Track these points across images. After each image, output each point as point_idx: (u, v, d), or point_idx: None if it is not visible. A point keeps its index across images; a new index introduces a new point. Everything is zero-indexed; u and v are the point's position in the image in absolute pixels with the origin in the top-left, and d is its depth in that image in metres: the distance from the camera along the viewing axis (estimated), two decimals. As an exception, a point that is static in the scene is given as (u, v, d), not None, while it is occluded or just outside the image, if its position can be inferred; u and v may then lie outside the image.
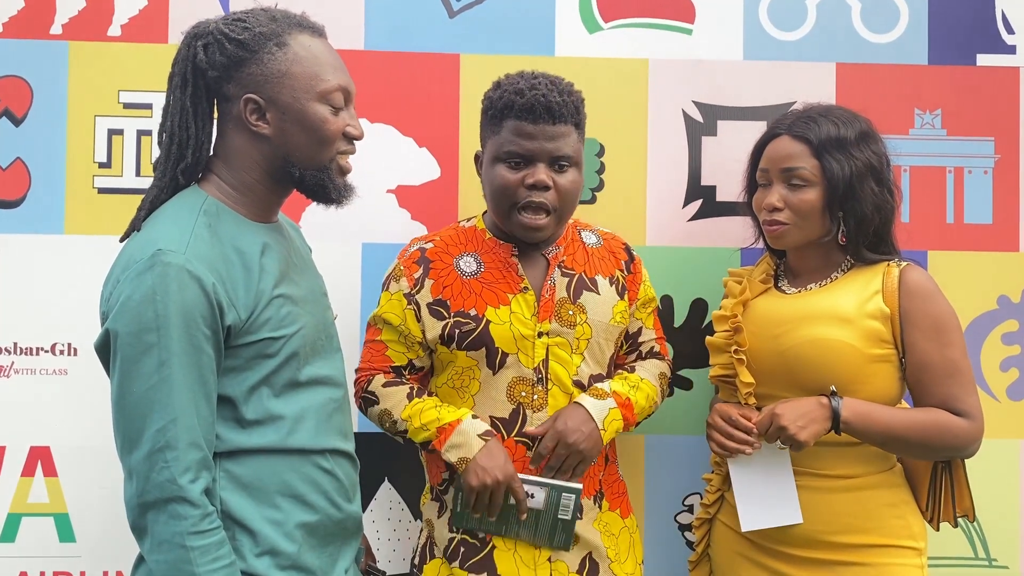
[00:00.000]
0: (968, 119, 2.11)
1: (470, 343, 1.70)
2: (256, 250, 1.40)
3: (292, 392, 1.42)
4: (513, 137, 1.66)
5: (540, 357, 1.71)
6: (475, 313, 1.70)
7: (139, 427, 1.29)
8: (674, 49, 2.09)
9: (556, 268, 1.74)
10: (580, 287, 1.75)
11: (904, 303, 1.66)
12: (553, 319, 1.71)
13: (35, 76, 2.01)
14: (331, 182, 1.46)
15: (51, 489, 1.98)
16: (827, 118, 1.72)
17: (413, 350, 1.76)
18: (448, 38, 2.07)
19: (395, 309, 1.75)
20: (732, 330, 1.76)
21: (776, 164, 1.73)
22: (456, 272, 1.74)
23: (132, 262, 1.31)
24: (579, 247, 1.80)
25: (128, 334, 1.29)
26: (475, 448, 1.63)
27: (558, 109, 1.64)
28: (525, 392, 1.71)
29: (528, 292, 1.72)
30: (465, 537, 1.71)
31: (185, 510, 1.28)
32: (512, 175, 1.67)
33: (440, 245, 1.78)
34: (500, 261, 1.75)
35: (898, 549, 1.68)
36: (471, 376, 1.72)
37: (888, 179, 1.72)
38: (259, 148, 1.43)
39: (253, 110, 1.40)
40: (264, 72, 1.39)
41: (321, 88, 1.41)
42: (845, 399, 1.64)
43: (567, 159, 1.67)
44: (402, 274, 1.76)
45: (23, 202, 2.00)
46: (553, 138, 1.65)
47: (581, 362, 1.73)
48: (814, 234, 1.72)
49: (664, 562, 2.05)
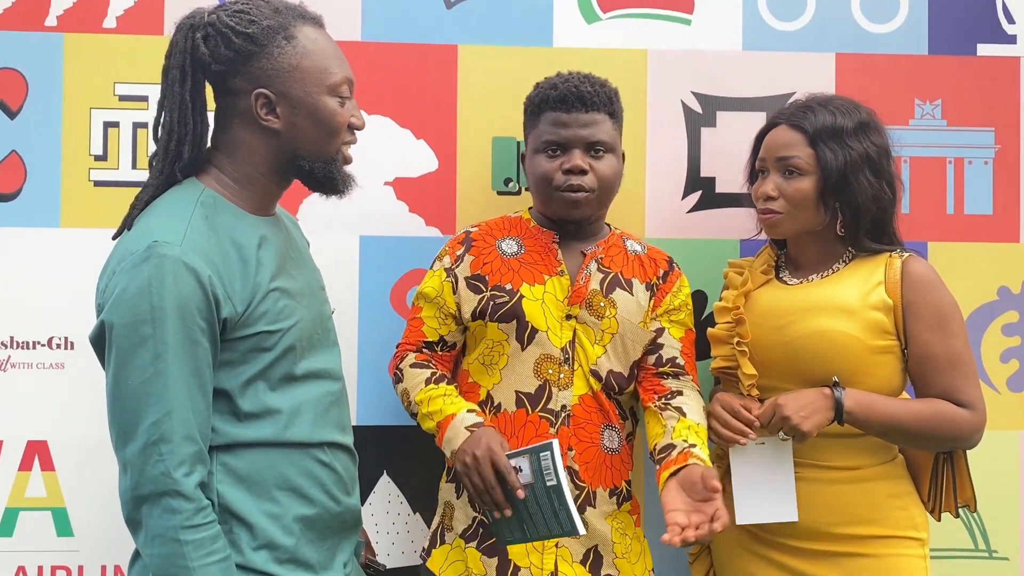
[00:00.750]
0: (968, 109, 2.10)
1: (502, 315, 1.74)
2: (253, 243, 1.40)
3: (289, 386, 1.41)
4: (550, 127, 1.75)
5: (567, 338, 1.74)
6: (511, 287, 1.76)
7: (134, 420, 1.28)
8: (673, 39, 2.08)
9: (593, 261, 1.79)
10: (614, 284, 1.79)
11: (907, 294, 1.66)
12: (583, 306, 1.75)
13: (30, 68, 2.00)
14: (338, 173, 1.46)
15: (48, 483, 1.98)
16: (826, 108, 1.71)
17: (446, 324, 1.80)
18: (445, 29, 2.06)
19: (434, 283, 1.82)
20: (734, 321, 1.75)
21: (772, 153, 1.73)
22: (497, 252, 1.81)
23: (128, 254, 1.31)
24: (620, 251, 1.84)
25: (123, 326, 1.28)
26: (461, 440, 1.64)
27: (590, 98, 1.73)
28: (552, 370, 1.74)
29: (564, 276, 1.78)
30: (484, 519, 1.73)
31: (179, 504, 1.27)
32: (550, 163, 1.75)
33: (485, 229, 1.87)
34: (541, 245, 1.81)
35: (901, 540, 1.68)
36: (500, 351, 1.76)
37: (887, 170, 1.72)
38: (267, 142, 1.42)
39: (264, 104, 1.39)
40: (275, 66, 1.38)
41: (330, 81, 1.41)
42: (848, 390, 1.64)
43: (602, 144, 1.74)
44: (446, 253, 1.84)
45: (19, 195, 1.99)
46: (587, 125, 1.73)
47: (602, 354, 1.76)
48: (808, 224, 1.72)
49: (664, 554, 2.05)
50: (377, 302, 2.04)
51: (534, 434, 1.73)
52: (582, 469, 1.74)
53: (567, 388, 1.74)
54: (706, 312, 2.06)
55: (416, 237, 2.04)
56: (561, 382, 1.74)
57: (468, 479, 1.61)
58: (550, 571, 1.71)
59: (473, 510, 1.76)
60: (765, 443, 1.69)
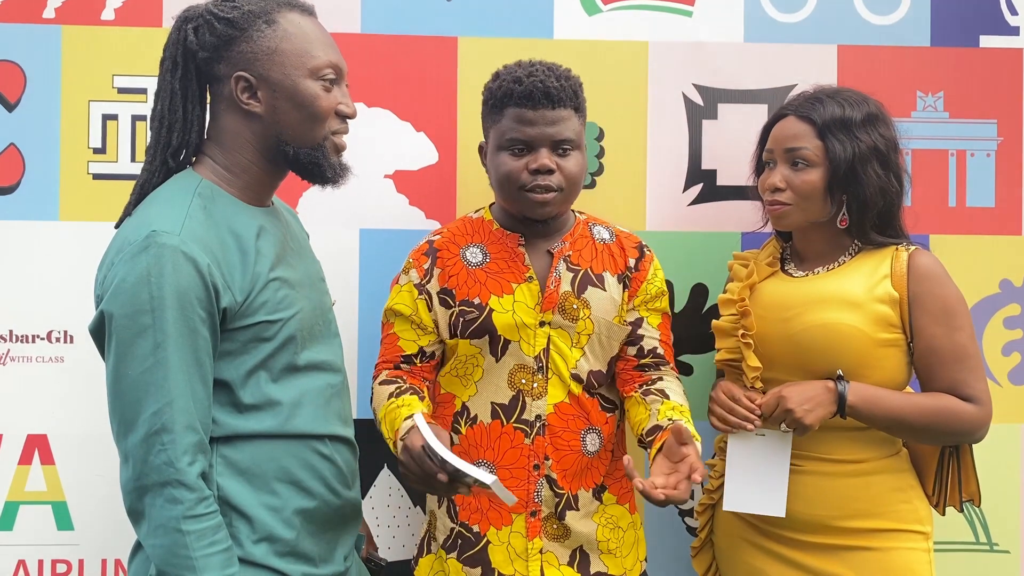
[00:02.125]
0: (971, 101, 2.09)
1: (473, 331, 1.70)
2: (252, 233, 1.39)
3: (290, 377, 1.41)
4: (514, 124, 1.67)
5: (541, 346, 1.71)
6: (479, 302, 1.71)
7: (135, 410, 1.28)
8: (674, 31, 2.07)
9: (561, 261, 1.74)
10: (585, 282, 1.74)
11: (913, 287, 1.65)
12: (556, 311, 1.71)
13: (28, 61, 1.99)
14: (325, 160, 1.44)
15: (48, 477, 1.97)
16: (834, 99, 1.71)
17: (426, 336, 1.75)
18: (446, 21, 2.05)
19: (405, 300, 1.76)
20: (739, 314, 1.74)
21: (780, 144, 1.73)
22: (462, 263, 1.75)
23: (127, 244, 1.30)
24: (588, 243, 1.78)
25: (123, 316, 1.28)
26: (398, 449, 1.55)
27: (556, 94, 1.66)
28: (525, 380, 1.71)
29: (533, 282, 1.72)
30: (462, 530, 1.72)
31: (181, 494, 1.27)
32: (516, 161, 1.68)
33: (448, 236, 1.80)
34: (506, 251, 1.75)
35: (905, 533, 1.68)
36: (475, 363, 1.73)
37: (895, 163, 1.71)
38: (251, 127, 1.41)
39: (244, 88, 1.39)
40: (254, 50, 1.39)
41: (312, 64, 1.40)
42: (852, 383, 1.63)
43: (569, 143, 1.68)
44: (411, 266, 1.78)
45: (17, 188, 1.98)
46: (553, 123, 1.66)
47: (580, 356, 1.73)
48: (816, 215, 1.71)
49: (665, 548, 2.05)
50: (377, 295, 2.02)
51: (509, 445, 1.70)
52: (560, 476, 1.71)
53: (541, 398, 1.70)
54: (707, 305, 2.05)
55: (416, 230, 2.03)
56: (535, 392, 1.70)
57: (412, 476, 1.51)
58: None
59: (451, 520, 1.74)
60: (765, 435, 1.69)
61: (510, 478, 1.70)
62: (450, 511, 1.74)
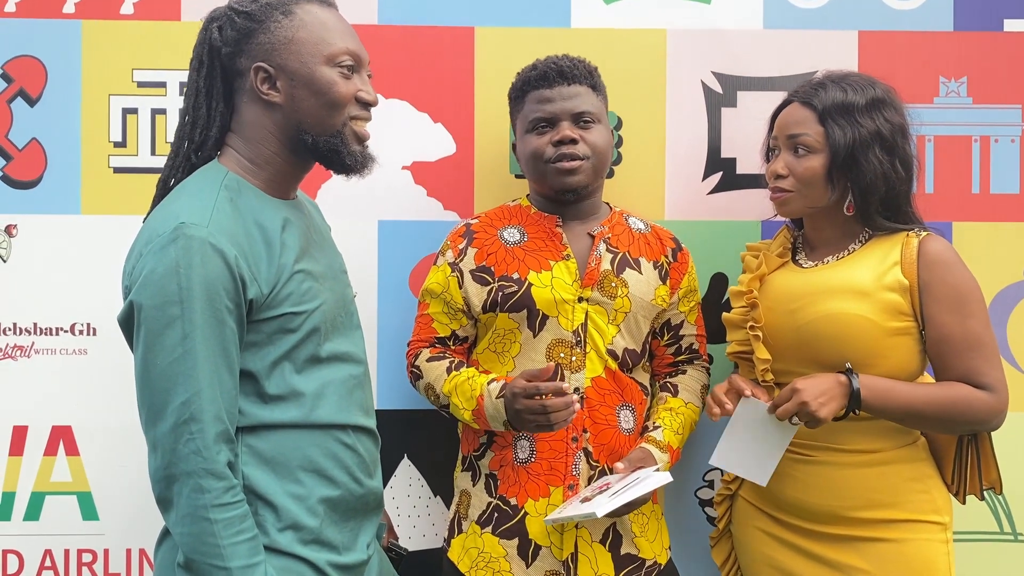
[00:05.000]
0: (994, 86, 2.07)
1: (512, 305, 1.75)
2: (277, 225, 1.40)
3: (314, 368, 1.42)
4: (535, 105, 1.77)
5: (579, 321, 1.75)
6: (518, 276, 1.76)
7: (163, 400, 1.29)
8: (692, 19, 2.06)
9: (601, 242, 1.79)
10: (624, 264, 1.80)
11: (923, 274, 1.63)
12: (595, 288, 1.76)
13: (49, 56, 2.00)
14: (345, 147, 1.45)
15: (73, 468, 2.00)
16: (838, 84, 1.69)
17: (457, 319, 1.81)
18: (462, 11, 2.04)
19: (439, 279, 1.82)
20: (748, 306, 1.74)
21: (783, 131, 1.72)
22: (500, 241, 1.81)
23: (155, 236, 1.31)
24: (625, 230, 1.84)
25: (152, 307, 1.29)
26: (502, 411, 1.66)
27: (570, 71, 1.76)
28: (564, 353, 1.75)
29: (570, 259, 1.78)
30: (500, 503, 1.75)
31: (209, 483, 1.28)
32: (540, 139, 1.77)
33: (485, 220, 1.87)
34: (544, 231, 1.81)
35: (922, 524, 1.66)
36: (512, 339, 1.77)
37: (901, 148, 1.68)
38: (272, 118, 1.43)
39: (264, 79, 1.41)
40: (271, 40, 1.40)
41: (328, 51, 1.41)
42: (862, 377, 1.61)
43: (589, 115, 1.76)
44: (448, 247, 1.84)
45: (40, 182, 2.00)
46: (570, 97, 1.75)
47: (616, 333, 1.77)
48: (817, 202, 1.70)
49: (686, 537, 2.04)
50: (396, 287, 2.04)
51: None
52: (596, 450, 1.75)
53: (579, 371, 1.74)
54: (726, 295, 2.05)
55: (434, 221, 2.03)
56: (573, 365, 1.74)
57: (539, 426, 1.62)
58: (570, 551, 1.72)
59: (488, 495, 1.76)
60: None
61: (548, 450, 1.74)
62: (488, 486, 1.78)
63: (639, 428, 1.82)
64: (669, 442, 1.78)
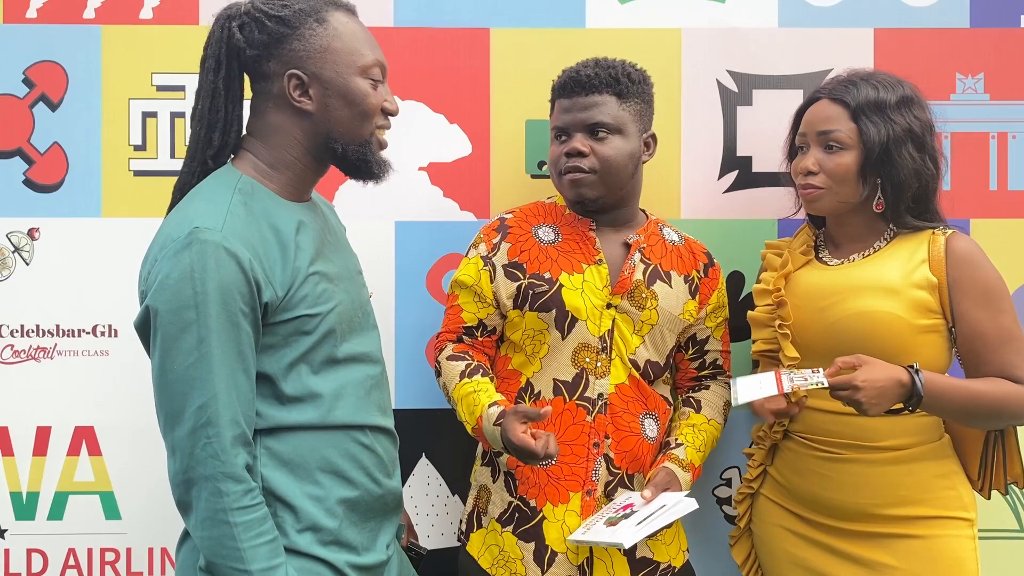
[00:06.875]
0: (1012, 83, 2.05)
1: (542, 304, 1.75)
2: (291, 228, 1.41)
3: (330, 369, 1.43)
4: (557, 115, 1.79)
5: (606, 327, 1.75)
6: (549, 276, 1.76)
7: (181, 404, 1.30)
8: (707, 17, 2.06)
9: (637, 251, 1.79)
10: (655, 276, 1.80)
11: (952, 272, 1.63)
12: (625, 296, 1.76)
13: (70, 61, 2.02)
14: (373, 156, 1.47)
15: (96, 468, 2.02)
16: (868, 82, 1.69)
17: (485, 309, 1.81)
18: (477, 12, 2.05)
19: (470, 271, 1.82)
20: (775, 304, 1.73)
21: (813, 127, 1.71)
22: (534, 239, 1.81)
23: (169, 240, 1.32)
24: (659, 241, 1.84)
25: (167, 312, 1.30)
26: (499, 439, 1.63)
27: (588, 81, 1.73)
28: (589, 358, 1.75)
29: (602, 265, 1.78)
30: (520, 504, 1.75)
31: (228, 486, 1.30)
32: (556, 148, 1.78)
33: (519, 215, 1.86)
34: (578, 234, 1.81)
35: (949, 520, 1.66)
36: (541, 340, 1.77)
37: (930, 145, 1.69)
38: (301, 125, 1.43)
39: (296, 86, 1.41)
40: (306, 48, 1.40)
41: (362, 63, 1.43)
42: (924, 376, 1.56)
43: (604, 126, 1.74)
44: (481, 240, 1.84)
45: (61, 186, 2.03)
46: (586, 108, 1.74)
47: (639, 344, 1.77)
48: (849, 199, 1.70)
49: (704, 536, 2.04)
50: (413, 287, 2.05)
51: (571, 422, 1.73)
52: (618, 457, 1.74)
53: (604, 376, 1.74)
54: (743, 294, 2.04)
55: (451, 222, 2.04)
56: (598, 370, 1.74)
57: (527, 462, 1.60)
58: (585, 555, 1.72)
59: (509, 494, 1.77)
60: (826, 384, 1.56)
61: (569, 454, 1.74)
62: (508, 485, 1.78)
63: (661, 436, 1.82)
64: (692, 460, 1.78)
